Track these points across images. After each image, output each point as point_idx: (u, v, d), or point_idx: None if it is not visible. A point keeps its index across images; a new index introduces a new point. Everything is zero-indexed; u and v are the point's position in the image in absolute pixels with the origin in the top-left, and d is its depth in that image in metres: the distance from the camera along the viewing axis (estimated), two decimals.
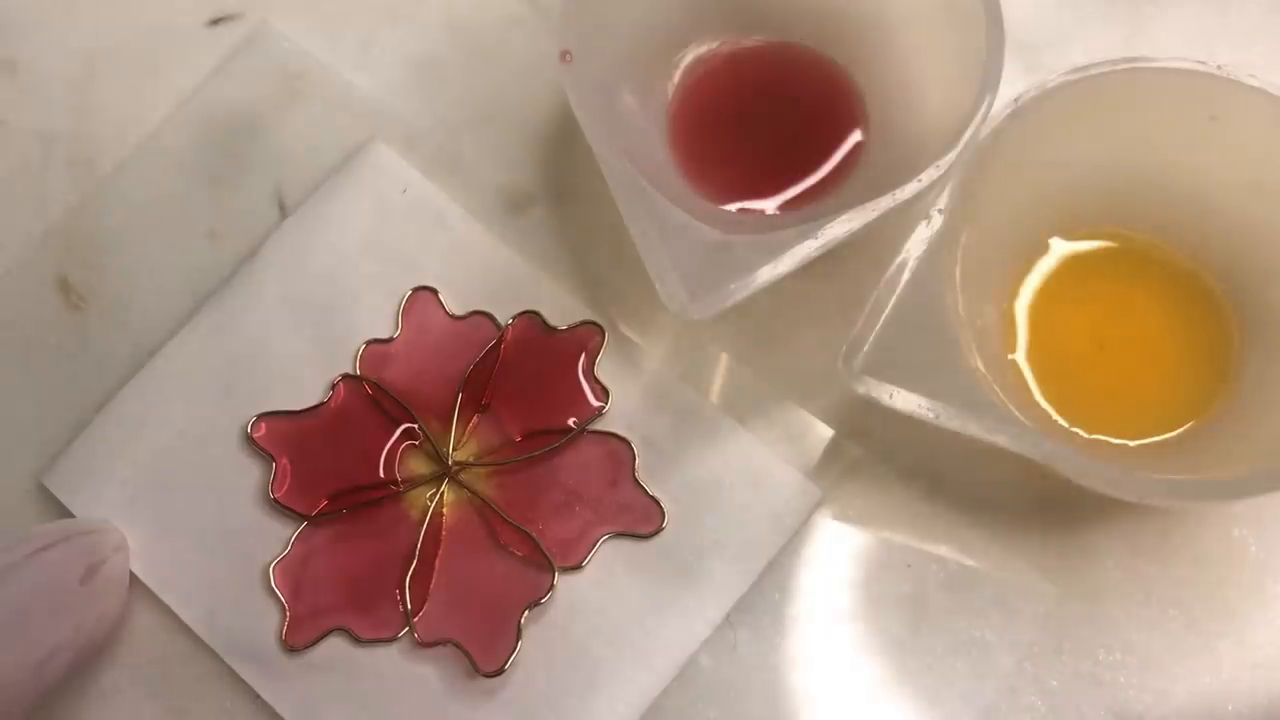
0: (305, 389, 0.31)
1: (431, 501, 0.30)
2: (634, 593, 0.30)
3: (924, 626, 0.29)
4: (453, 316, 0.32)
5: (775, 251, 0.27)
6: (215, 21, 0.36)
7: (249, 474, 0.31)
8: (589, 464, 0.31)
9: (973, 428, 0.26)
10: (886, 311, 0.27)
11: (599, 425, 0.31)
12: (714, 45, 0.33)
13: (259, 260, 0.33)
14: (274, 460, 0.31)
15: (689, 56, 0.33)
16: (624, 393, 0.31)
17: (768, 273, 0.28)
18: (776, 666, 0.29)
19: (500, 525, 0.30)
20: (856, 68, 0.32)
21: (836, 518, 0.30)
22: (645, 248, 0.28)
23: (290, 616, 0.30)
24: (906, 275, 0.27)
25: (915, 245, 0.27)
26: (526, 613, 0.29)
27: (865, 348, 0.27)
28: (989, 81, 0.28)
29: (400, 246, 0.33)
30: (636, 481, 0.30)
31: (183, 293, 0.33)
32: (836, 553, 0.30)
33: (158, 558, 0.30)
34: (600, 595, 0.30)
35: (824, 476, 0.31)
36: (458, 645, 0.29)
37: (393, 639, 0.29)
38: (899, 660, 0.29)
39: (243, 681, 0.29)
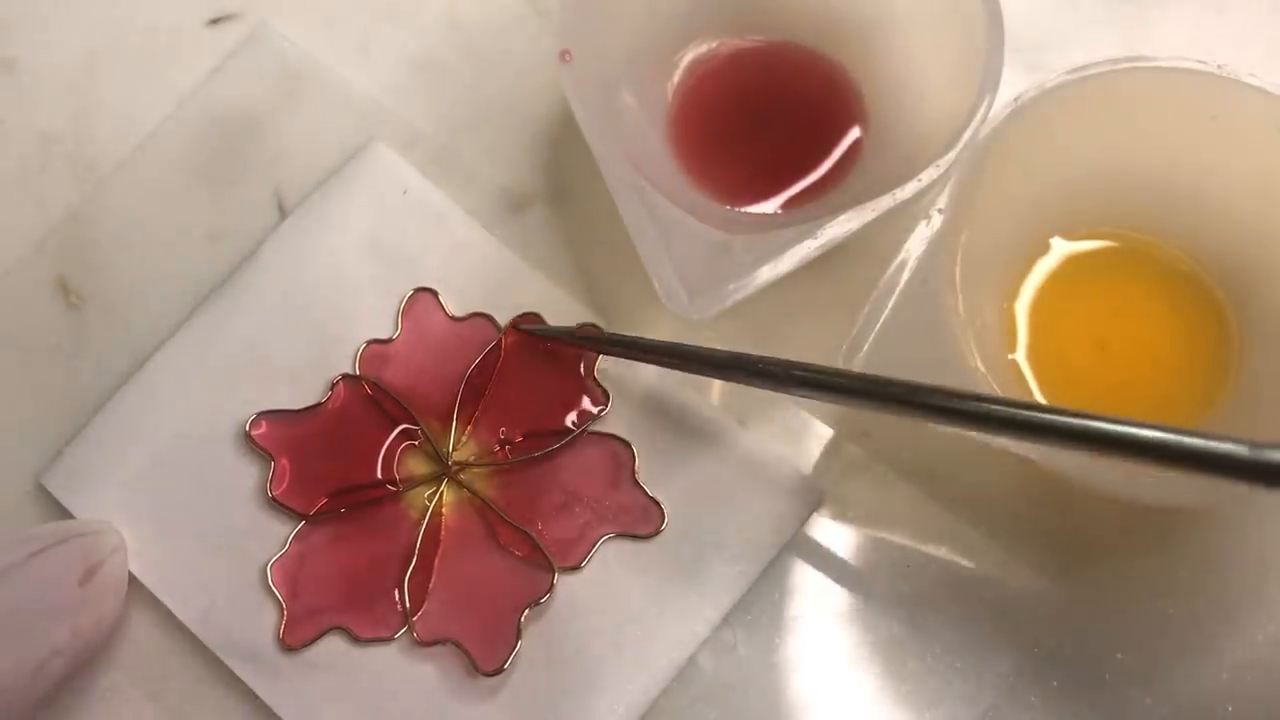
0: (305, 389, 0.31)
1: (430, 501, 0.30)
2: (633, 593, 0.30)
3: (924, 626, 0.29)
4: (453, 318, 0.32)
5: (775, 251, 0.27)
6: (215, 21, 0.36)
7: (247, 473, 0.31)
8: (589, 465, 0.31)
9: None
10: (886, 311, 0.27)
11: (599, 426, 0.31)
12: (714, 45, 0.33)
13: (258, 260, 0.33)
14: (273, 459, 0.31)
15: (689, 56, 0.33)
16: (624, 393, 0.31)
17: (768, 273, 0.28)
18: (776, 667, 0.29)
19: (500, 525, 0.30)
20: (857, 67, 0.32)
21: (836, 518, 0.30)
22: (645, 248, 0.28)
23: (288, 615, 0.29)
24: (906, 275, 0.27)
25: (915, 245, 0.27)
26: (526, 612, 0.29)
27: (865, 348, 0.27)
28: (989, 81, 0.28)
29: (400, 247, 0.33)
30: (636, 482, 0.30)
31: (182, 293, 0.33)
32: (836, 553, 0.30)
33: (156, 557, 0.30)
34: (600, 595, 0.30)
35: (824, 476, 0.31)
36: (457, 645, 0.29)
37: (391, 638, 0.29)
38: (899, 660, 0.29)
39: (241, 681, 0.29)
